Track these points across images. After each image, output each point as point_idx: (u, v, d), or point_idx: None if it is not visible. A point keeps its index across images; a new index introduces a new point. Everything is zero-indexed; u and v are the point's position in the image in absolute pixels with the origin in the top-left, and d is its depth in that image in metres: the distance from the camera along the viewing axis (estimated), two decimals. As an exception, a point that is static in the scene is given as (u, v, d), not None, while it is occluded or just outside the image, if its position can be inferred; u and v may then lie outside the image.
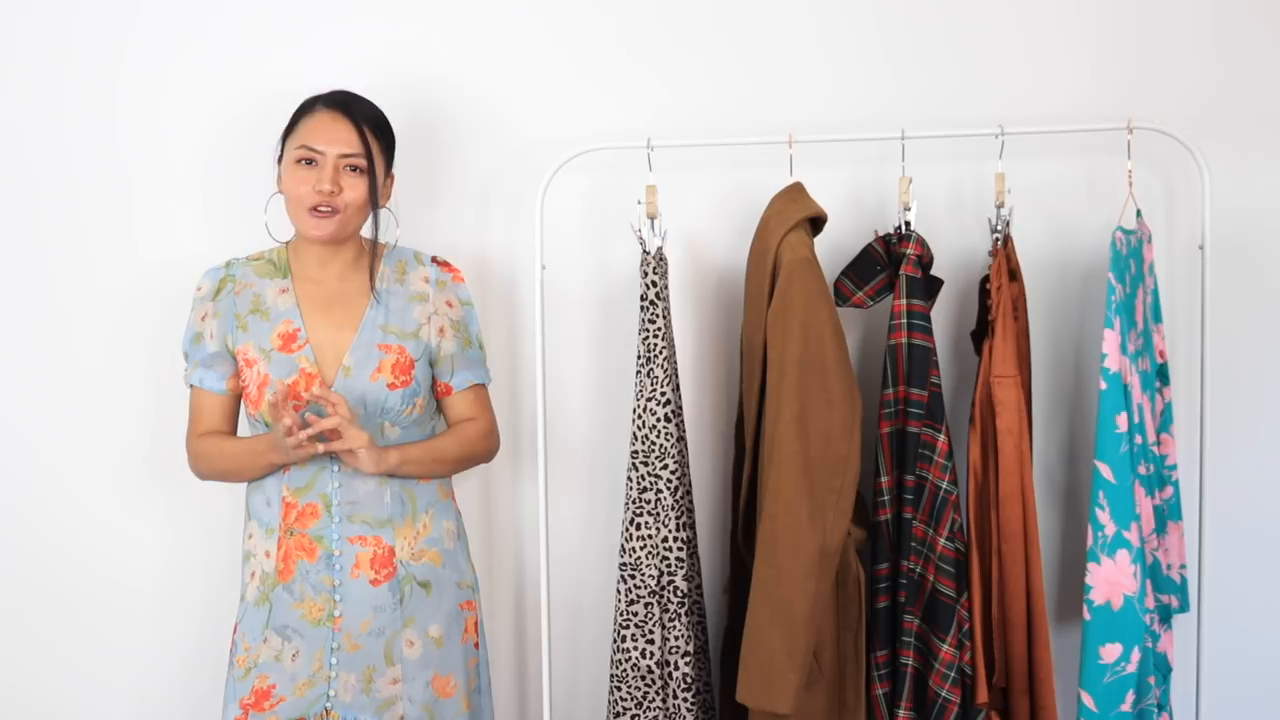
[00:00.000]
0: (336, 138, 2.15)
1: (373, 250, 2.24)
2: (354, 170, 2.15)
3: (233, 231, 2.47)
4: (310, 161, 2.14)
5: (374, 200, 2.18)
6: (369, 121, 2.18)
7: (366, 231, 2.25)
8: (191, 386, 2.25)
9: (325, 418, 2.05)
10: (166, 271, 2.53)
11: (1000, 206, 2.33)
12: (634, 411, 2.32)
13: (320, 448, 2.04)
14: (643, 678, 2.32)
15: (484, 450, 2.30)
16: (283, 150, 2.21)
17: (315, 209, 2.14)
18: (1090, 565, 2.16)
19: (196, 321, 2.25)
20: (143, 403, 2.58)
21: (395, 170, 2.35)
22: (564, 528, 2.59)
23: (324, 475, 2.17)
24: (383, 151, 2.21)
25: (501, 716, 2.58)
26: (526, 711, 2.64)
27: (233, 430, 2.27)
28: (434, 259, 2.29)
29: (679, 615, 2.30)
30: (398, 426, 2.19)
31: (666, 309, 2.32)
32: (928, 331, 2.25)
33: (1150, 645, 2.21)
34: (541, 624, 2.45)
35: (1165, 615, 2.36)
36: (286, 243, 2.28)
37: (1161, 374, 2.40)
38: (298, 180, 2.15)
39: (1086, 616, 2.16)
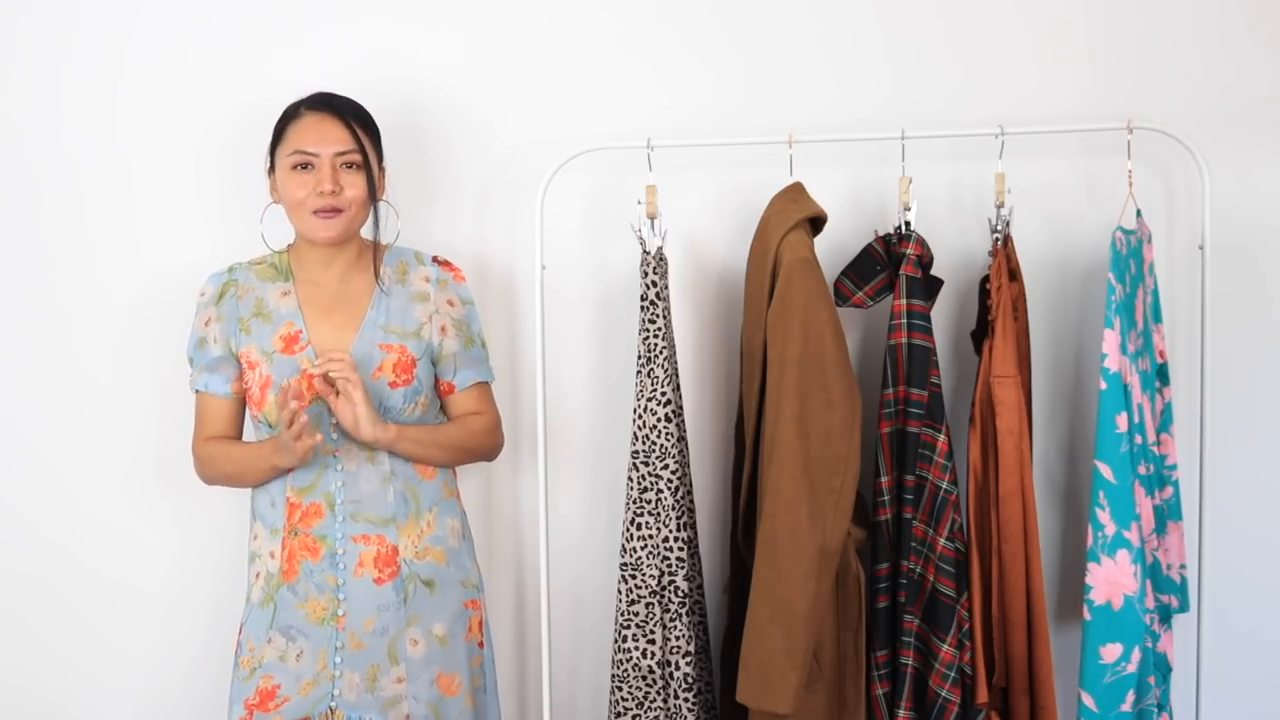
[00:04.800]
0: (328, 137, 2.15)
1: (375, 249, 2.25)
2: (350, 167, 2.16)
3: (235, 232, 2.45)
4: (306, 165, 2.15)
5: (373, 193, 2.19)
6: (355, 117, 2.19)
7: (366, 229, 2.25)
8: (197, 391, 2.26)
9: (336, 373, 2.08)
10: (170, 273, 2.53)
11: (1000, 206, 2.33)
12: (634, 411, 2.32)
13: (319, 437, 2.05)
14: (644, 678, 2.32)
15: (488, 445, 2.30)
16: (273, 160, 2.21)
17: (319, 212, 2.14)
18: (1090, 565, 2.16)
19: (200, 326, 2.26)
20: (148, 405, 2.57)
21: (397, 169, 2.35)
22: (565, 528, 2.59)
23: (327, 474, 2.17)
24: (373, 144, 2.22)
25: (502, 716, 2.58)
26: (527, 711, 2.64)
27: (238, 435, 2.28)
28: (435, 258, 2.30)
29: (680, 615, 2.30)
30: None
31: (666, 309, 2.32)
32: (928, 331, 2.25)
33: (1150, 645, 2.21)
34: (542, 624, 2.45)
35: (1165, 615, 2.36)
36: (289, 246, 2.28)
37: (1161, 374, 2.40)
38: (297, 185, 2.15)
39: (1087, 616, 2.16)
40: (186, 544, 2.60)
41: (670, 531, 2.30)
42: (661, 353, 2.31)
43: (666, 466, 2.30)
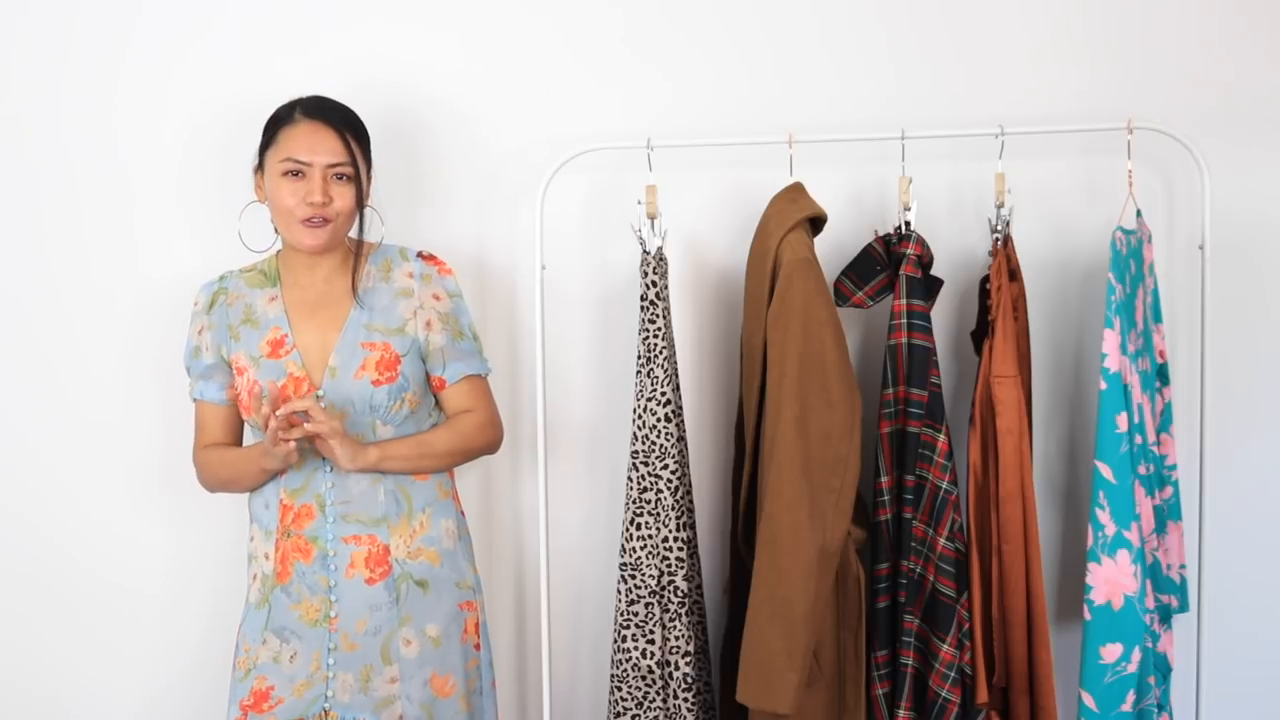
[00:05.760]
0: (321, 147, 2.15)
1: (357, 251, 2.24)
2: (341, 178, 2.16)
3: (234, 235, 2.45)
4: (297, 173, 2.15)
5: (360, 203, 2.19)
6: (348, 127, 2.19)
7: (352, 232, 2.26)
8: (195, 400, 2.28)
9: (309, 422, 2.07)
10: (169, 276, 2.53)
11: (1000, 206, 2.33)
12: (634, 411, 2.32)
13: (293, 444, 2.06)
14: (643, 678, 2.31)
15: (482, 442, 2.28)
16: (261, 161, 2.21)
17: (307, 221, 2.14)
18: (1090, 565, 2.16)
19: (194, 335, 2.28)
20: (148, 407, 2.57)
21: (396, 169, 2.35)
22: (564, 528, 2.58)
23: (318, 476, 2.17)
24: (364, 154, 2.21)
25: (502, 717, 2.58)
26: (527, 712, 2.64)
27: (236, 440, 2.29)
28: (419, 253, 2.28)
29: (679, 615, 2.30)
30: (390, 425, 2.19)
31: (666, 309, 2.32)
32: (928, 331, 2.25)
33: (1150, 645, 2.21)
34: (541, 624, 2.45)
35: (1165, 615, 2.36)
36: (278, 252, 2.28)
37: (1161, 374, 2.40)
38: (287, 193, 2.15)
39: (1087, 616, 2.16)
40: (185, 545, 2.60)
41: (670, 531, 2.30)
42: (661, 353, 2.31)
43: (666, 466, 2.30)
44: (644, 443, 2.31)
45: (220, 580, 2.56)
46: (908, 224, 2.31)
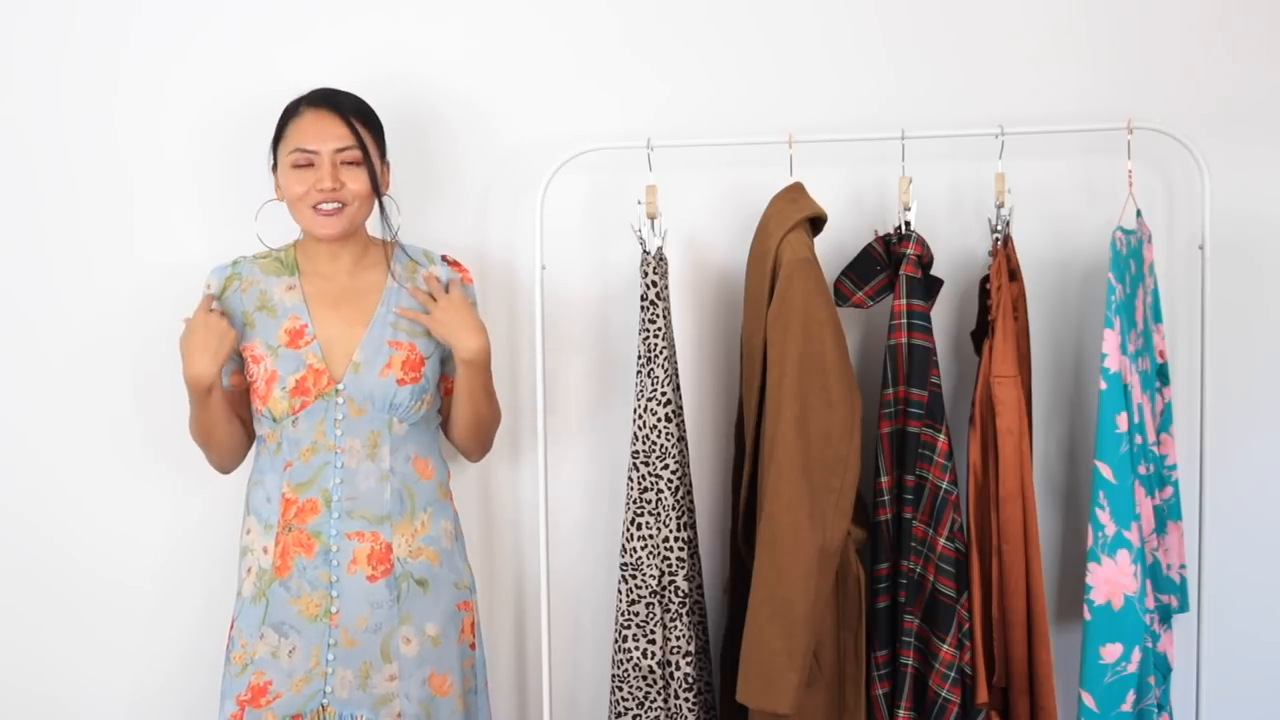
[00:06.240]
0: (327, 134, 2.16)
1: (386, 245, 2.26)
2: (351, 163, 2.17)
3: (235, 230, 2.45)
4: (308, 163, 2.15)
5: (376, 189, 2.19)
6: (355, 113, 2.20)
7: (375, 226, 2.26)
8: None
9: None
10: (170, 272, 2.53)
11: (1000, 206, 2.33)
12: (634, 411, 2.32)
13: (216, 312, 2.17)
14: (644, 678, 2.31)
15: (491, 436, 2.36)
16: (275, 158, 2.22)
17: (319, 207, 2.15)
18: (1090, 565, 2.16)
19: None
20: (143, 401, 2.57)
21: (397, 169, 2.35)
22: (564, 528, 2.58)
23: (327, 471, 2.18)
24: (375, 140, 2.22)
25: (501, 717, 2.58)
26: (527, 711, 2.64)
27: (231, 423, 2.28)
28: (444, 257, 2.31)
29: (680, 615, 2.30)
30: (405, 423, 2.20)
31: (666, 309, 2.32)
32: (928, 331, 2.25)
33: (1150, 645, 2.21)
34: (542, 624, 2.45)
35: (1165, 615, 2.36)
36: (295, 241, 2.29)
37: (1161, 374, 2.40)
38: (297, 182, 2.16)
39: (1087, 616, 2.16)
40: (179, 539, 2.59)
41: (670, 531, 2.30)
42: (661, 353, 2.31)
43: (666, 466, 2.30)
44: (644, 443, 2.30)
45: (214, 575, 2.54)
46: (908, 224, 2.31)
